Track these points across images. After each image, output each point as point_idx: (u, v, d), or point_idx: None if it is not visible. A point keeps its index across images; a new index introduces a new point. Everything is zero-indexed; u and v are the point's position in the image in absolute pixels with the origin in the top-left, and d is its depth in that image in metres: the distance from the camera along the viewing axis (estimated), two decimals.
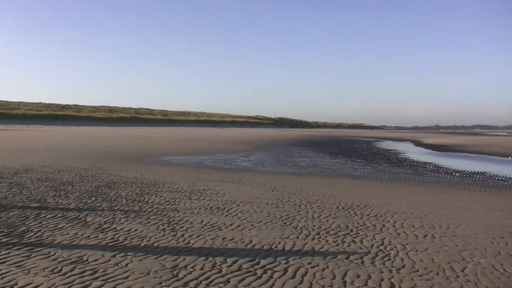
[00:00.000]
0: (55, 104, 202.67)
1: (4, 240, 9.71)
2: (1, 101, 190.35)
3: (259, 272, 8.09)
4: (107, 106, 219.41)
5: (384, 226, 11.92)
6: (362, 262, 8.74)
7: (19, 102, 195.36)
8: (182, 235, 10.43)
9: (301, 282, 7.66)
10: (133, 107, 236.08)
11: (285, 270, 8.20)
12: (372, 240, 10.45)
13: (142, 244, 9.61)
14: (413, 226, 12.00)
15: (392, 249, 9.74)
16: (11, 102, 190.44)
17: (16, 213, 12.30)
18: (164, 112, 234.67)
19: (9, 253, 8.82)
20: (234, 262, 8.59)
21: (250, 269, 8.22)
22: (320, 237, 10.57)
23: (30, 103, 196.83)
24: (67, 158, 29.96)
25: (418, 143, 79.20)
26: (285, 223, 11.95)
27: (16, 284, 7.24)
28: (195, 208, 13.71)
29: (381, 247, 9.84)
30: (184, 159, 34.00)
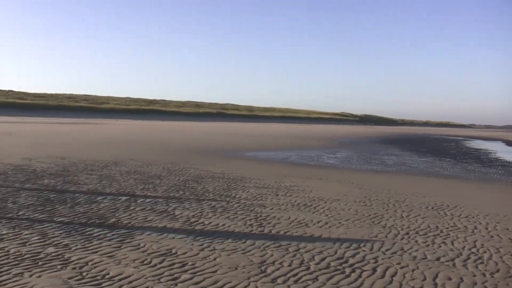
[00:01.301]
0: (143, 99, 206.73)
1: (96, 231, 9.94)
2: (90, 95, 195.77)
3: (347, 270, 8.00)
4: (193, 101, 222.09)
5: (476, 228, 11.60)
6: (454, 264, 8.52)
7: (108, 96, 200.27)
8: (270, 231, 10.44)
9: (391, 282, 7.53)
10: (219, 102, 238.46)
11: (374, 270, 8.08)
12: (463, 242, 10.19)
13: (230, 239, 9.66)
14: (507, 229, 11.63)
15: (485, 252, 9.46)
16: (100, 97, 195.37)
17: (107, 205, 12.59)
18: (249, 108, 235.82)
19: (100, 243, 9.03)
20: (322, 259, 8.52)
21: (338, 267, 8.14)
22: (409, 237, 10.38)
23: (118, 97, 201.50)
24: (155, 152, 30.48)
25: (510, 143, 76.98)
26: (373, 222, 11.81)
27: (108, 274, 7.39)
28: (282, 204, 13.70)
29: (473, 250, 9.57)
30: (269, 154, 34.06)
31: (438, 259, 8.83)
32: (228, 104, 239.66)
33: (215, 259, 8.31)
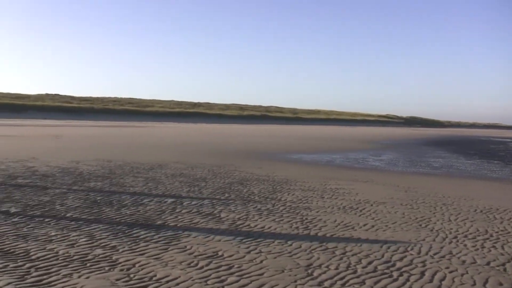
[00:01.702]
0: (187, 101, 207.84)
1: (142, 233, 10.01)
2: (135, 99, 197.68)
3: (395, 274, 7.90)
4: (237, 104, 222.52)
5: None
6: (505, 270, 8.36)
7: (152, 100, 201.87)
8: (316, 234, 10.38)
9: (439, 287, 7.41)
10: (263, 105, 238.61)
11: (422, 274, 7.96)
12: None
13: (276, 242, 9.63)
14: None
15: None
16: (145, 100, 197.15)
17: (153, 207, 12.67)
18: (293, 110, 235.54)
19: (147, 245, 9.08)
20: (369, 263, 8.44)
21: (385, 271, 8.04)
22: (457, 241, 10.21)
23: (163, 100, 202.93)
24: (199, 154, 30.63)
25: None
26: (420, 225, 11.66)
27: (155, 276, 7.43)
28: (328, 207, 13.63)
29: None
30: (314, 157, 33.94)
31: (488, 263, 8.67)
32: (272, 106, 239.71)
33: (261, 261, 8.29)
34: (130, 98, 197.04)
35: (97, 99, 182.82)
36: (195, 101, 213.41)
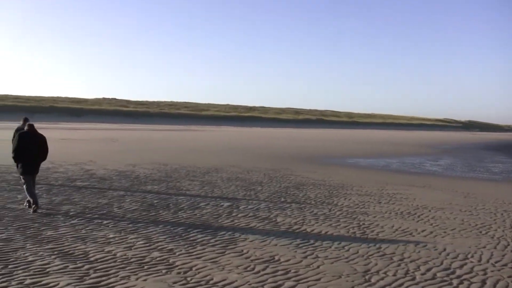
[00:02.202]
0: (242, 105, 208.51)
1: (199, 236, 10.03)
2: (191, 103, 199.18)
3: (455, 282, 7.73)
4: (292, 108, 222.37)
5: None
6: None
7: (208, 103, 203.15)
8: (373, 239, 10.25)
9: None
10: (319, 109, 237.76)
11: (483, 282, 7.77)
12: None
13: (333, 247, 9.54)
14: None
15: None
16: (200, 104, 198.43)
17: (209, 211, 12.71)
18: (349, 114, 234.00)
19: (204, 249, 9.09)
20: (428, 270, 8.28)
21: (445, 278, 7.88)
22: None
23: (218, 104, 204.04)
24: (254, 158, 30.66)
25: None
26: (480, 232, 11.41)
27: (212, 279, 7.42)
28: (385, 212, 13.46)
29: None
30: (370, 161, 33.65)
31: None
32: (327, 110, 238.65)
33: (318, 267, 8.22)
34: (185, 102, 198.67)
35: (153, 103, 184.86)
36: (251, 105, 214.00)
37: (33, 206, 12.00)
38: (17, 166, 12.52)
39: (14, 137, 12.53)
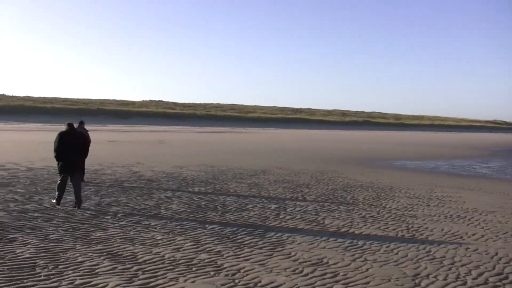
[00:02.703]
0: (289, 107, 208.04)
1: (247, 238, 10.02)
2: (237, 104, 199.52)
3: (508, 287, 7.57)
4: (339, 110, 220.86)
5: None
6: None
7: (254, 105, 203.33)
8: (423, 243, 10.11)
9: None
10: (366, 110, 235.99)
11: None
12: None
13: (381, 250, 9.43)
14: None
15: None
16: (247, 106, 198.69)
17: (257, 213, 12.70)
18: (396, 116, 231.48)
19: (252, 251, 9.08)
20: (480, 274, 8.13)
21: (497, 283, 7.72)
22: None
23: (265, 106, 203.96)
24: (302, 160, 30.58)
25: None
26: None
27: (260, 282, 7.39)
28: (434, 215, 13.27)
29: None
30: (418, 164, 33.27)
31: None
32: (374, 112, 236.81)
33: (367, 270, 8.13)
34: (232, 104, 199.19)
35: (200, 105, 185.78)
36: (297, 106, 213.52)
37: (54, 201, 13.05)
38: (58, 165, 13.07)
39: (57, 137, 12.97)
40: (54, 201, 12.99)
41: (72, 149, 12.89)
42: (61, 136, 12.86)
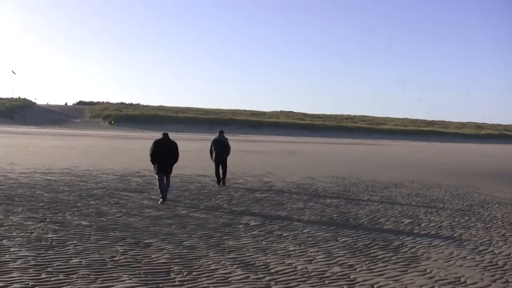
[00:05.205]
0: (421, 120, 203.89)
1: (380, 253, 9.80)
2: (368, 116, 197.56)
3: None
4: (474, 122, 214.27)
5: None
6: None
7: (385, 117, 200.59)
8: None
9: None
10: (502, 123, 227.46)
11: None
12: None
13: None
14: None
15: None
16: (378, 118, 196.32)
17: (390, 227, 12.43)
18: None
19: (385, 266, 8.87)
20: None
21: None
22: None
23: (396, 118, 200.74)
24: (435, 174, 29.78)
25: None
26: None
27: None
28: None
29: None
30: None
31: None
32: (511, 125, 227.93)
33: None
34: (363, 116, 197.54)
35: (330, 116, 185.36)
36: (430, 119, 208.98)
37: (160, 200, 14.70)
38: (154, 167, 15.21)
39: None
40: (161, 200, 14.69)
41: (165, 154, 15.02)
42: (156, 143, 14.99)
